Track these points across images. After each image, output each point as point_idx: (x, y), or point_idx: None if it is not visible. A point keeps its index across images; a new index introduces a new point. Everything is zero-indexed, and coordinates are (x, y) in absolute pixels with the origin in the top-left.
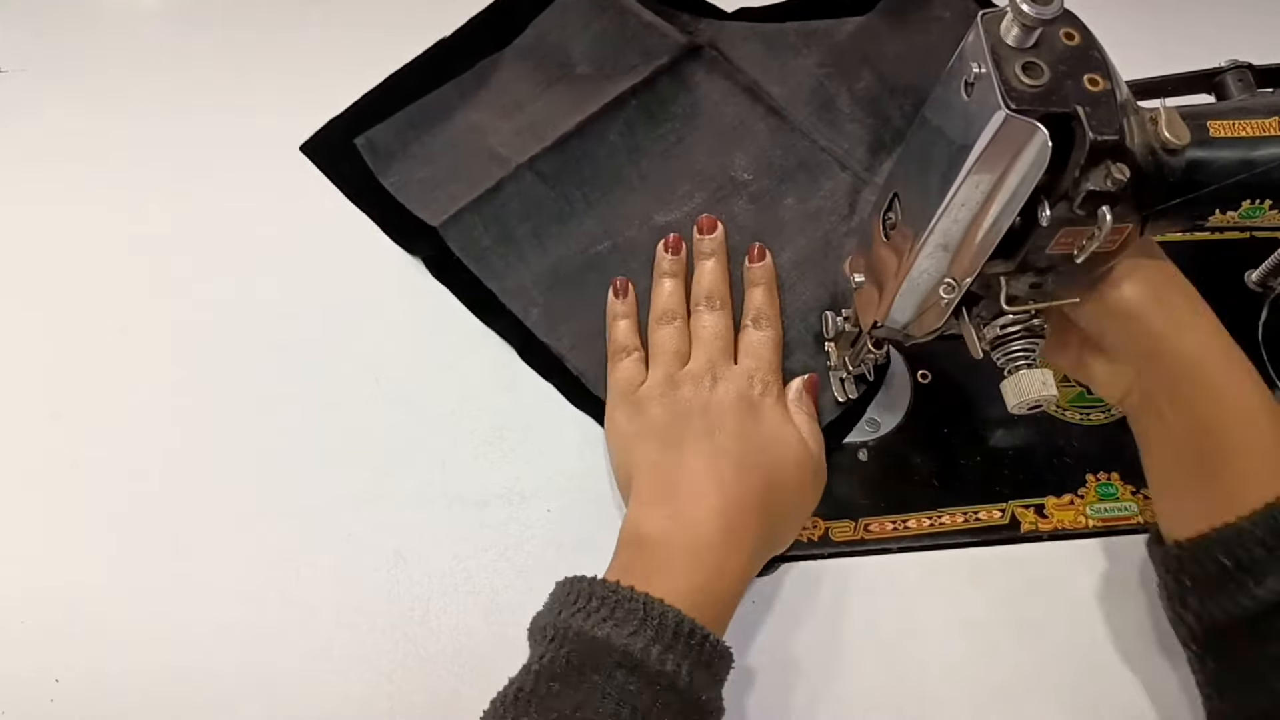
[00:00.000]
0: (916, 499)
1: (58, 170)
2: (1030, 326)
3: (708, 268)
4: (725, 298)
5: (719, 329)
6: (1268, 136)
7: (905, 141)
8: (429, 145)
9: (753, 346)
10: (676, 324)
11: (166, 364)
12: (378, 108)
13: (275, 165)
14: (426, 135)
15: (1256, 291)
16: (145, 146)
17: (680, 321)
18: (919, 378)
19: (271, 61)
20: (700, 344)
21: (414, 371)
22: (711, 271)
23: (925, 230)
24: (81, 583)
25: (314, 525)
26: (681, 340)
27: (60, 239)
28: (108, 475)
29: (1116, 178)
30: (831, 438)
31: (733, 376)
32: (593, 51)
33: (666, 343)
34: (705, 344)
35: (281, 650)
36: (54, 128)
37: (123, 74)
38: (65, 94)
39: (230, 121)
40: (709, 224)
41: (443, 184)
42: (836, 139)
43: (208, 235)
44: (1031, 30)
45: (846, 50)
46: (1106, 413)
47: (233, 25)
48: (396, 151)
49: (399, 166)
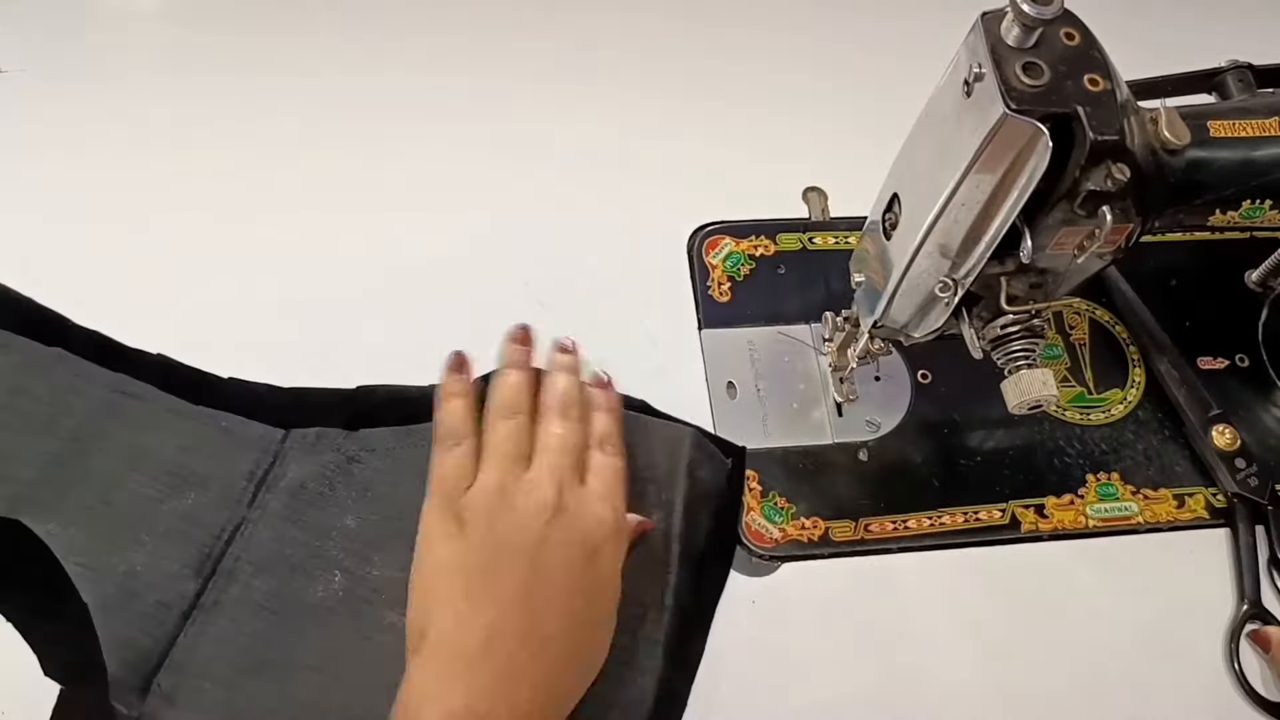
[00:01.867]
0: (916, 499)
1: (57, 170)
2: (1030, 326)
3: (560, 377)
4: (585, 414)
5: (572, 442)
6: (1268, 136)
7: (905, 141)
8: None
9: (601, 469)
10: (519, 419)
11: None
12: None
13: (275, 165)
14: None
15: (1256, 291)
16: (145, 146)
17: (524, 418)
18: (919, 378)
19: (271, 62)
20: (546, 451)
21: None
22: (566, 380)
23: (925, 230)
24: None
25: None
26: (525, 441)
27: (60, 239)
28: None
29: (1117, 178)
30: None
31: (580, 506)
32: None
33: (506, 442)
34: (552, 453)
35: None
36: (54, 128)
37: (123, 74)
38: (65, 94)
39: (230, 121)
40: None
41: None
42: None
43: (208, 235)
44: (1032, 30)
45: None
46: (1106, 413)
47: (232, 25)
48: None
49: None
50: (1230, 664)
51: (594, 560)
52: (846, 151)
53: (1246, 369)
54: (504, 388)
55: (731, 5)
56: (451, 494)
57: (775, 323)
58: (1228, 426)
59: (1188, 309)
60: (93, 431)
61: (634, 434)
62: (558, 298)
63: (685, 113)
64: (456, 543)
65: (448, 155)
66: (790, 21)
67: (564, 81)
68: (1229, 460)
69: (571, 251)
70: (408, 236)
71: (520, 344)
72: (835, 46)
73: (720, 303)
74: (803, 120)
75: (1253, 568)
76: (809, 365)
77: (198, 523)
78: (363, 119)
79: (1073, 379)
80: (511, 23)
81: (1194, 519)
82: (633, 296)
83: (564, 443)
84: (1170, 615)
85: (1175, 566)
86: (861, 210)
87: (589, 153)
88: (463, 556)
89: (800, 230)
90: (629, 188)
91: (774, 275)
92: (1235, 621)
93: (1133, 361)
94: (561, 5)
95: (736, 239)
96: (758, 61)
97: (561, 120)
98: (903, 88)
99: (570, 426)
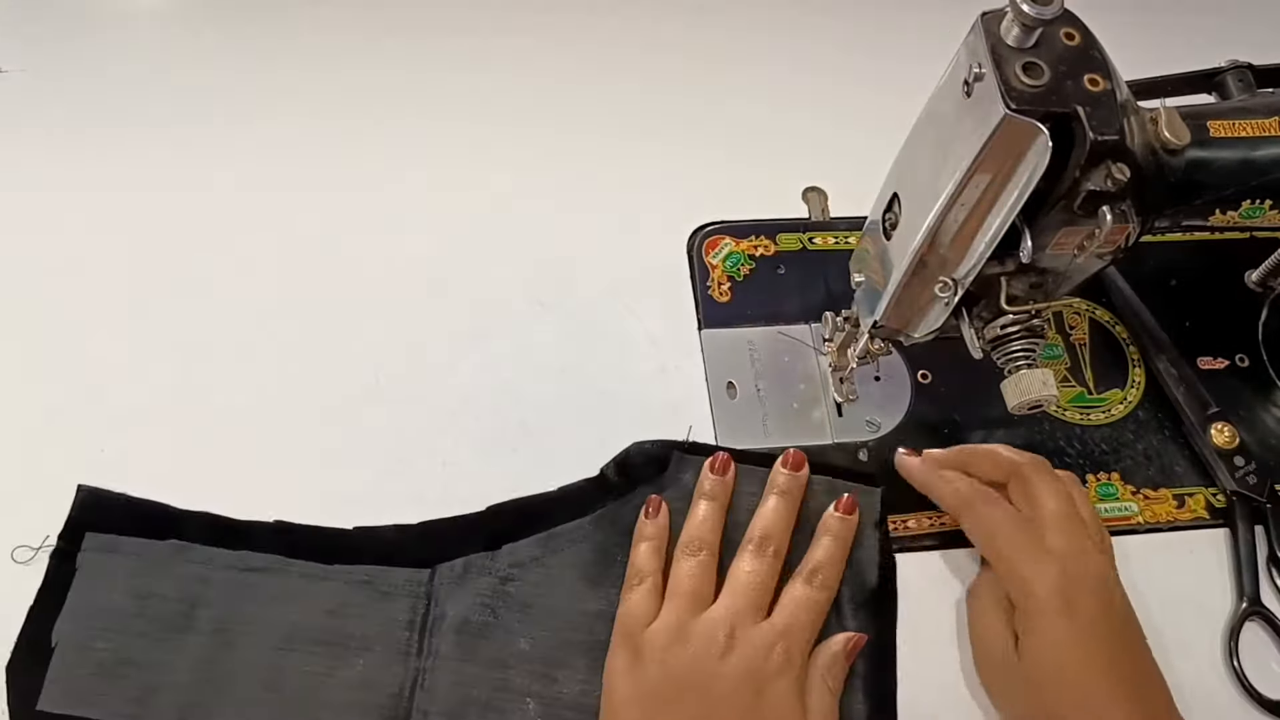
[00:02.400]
0: (917, 499)
1: (57, 170)
2: (1030, 326)
3: (772, 504)
4: (782, 547)
5: (759, 579)
6: (1268, 136)
7: (905, 141)
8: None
9: (793, 604)
10: (702, 557)
11: (166, 364)
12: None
13: (275, 165)
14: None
15: (1256, 291)
16: (145, 146)
17: (708, 555)
18: (919, 378)
19: (271, 62)
20: (732, 590)
21: (414, 371)
22: (775, 510)
23: (925, 230)
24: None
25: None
26: (705, 579)
27: (60, 239)
28: (107, 478)
29: (1116, 178)
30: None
31: (750, 642)
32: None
33: (686, 580)
34: (738, 592)
35: None
36: (54, 128)
37: (123, 74)
38: (65, 94)
39: (230, 121)
40: (796, 460)
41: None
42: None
43: (208, 235)
44: (1032, 30)
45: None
46: (1106, 413)
47: (232, 25)
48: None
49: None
50: (1230, 663)
51: (763, 694)
52: (846, 151)
53: (1246, 369)
54: (692, 523)
55: (732, 5)
56: (632, 630)
57: (775, 323)
58: (1226, 425)
59: (1188, 309)
60: (233, 617)
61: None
62: (558, 298)
63: (685, 113)
64: (634, 676)
65: (448, 155)
66: (790, 22)
67: (564, 81)
68: (1228, 458)
69: (571, 251)
70: (408, 236)
71: (718, 475)
72: (835, 46)
73: (720, 303)
74: (803, 120)
75: (1252, 566)
76: (809, 365)
77: (373, 687)
78: (362, 119)
79: (1073, 379)
80: (511, 23)
81: (1194, 519)
82: (633, 296)
83: (752, 580)
84: (1170, 614)
85: (1175, 566)
86: (861, 210)
87: (589, 153)
88: (640, 690)
89: (800, 230)
90: (629, 187)
91: (774, 275)
92: (1235, 620)
93: (1132, 361)
94: (562, 5)
95: (736, 239)
96: (758, 61)
97: (561, 120)
98: (903, 88)
99: (763, 564)
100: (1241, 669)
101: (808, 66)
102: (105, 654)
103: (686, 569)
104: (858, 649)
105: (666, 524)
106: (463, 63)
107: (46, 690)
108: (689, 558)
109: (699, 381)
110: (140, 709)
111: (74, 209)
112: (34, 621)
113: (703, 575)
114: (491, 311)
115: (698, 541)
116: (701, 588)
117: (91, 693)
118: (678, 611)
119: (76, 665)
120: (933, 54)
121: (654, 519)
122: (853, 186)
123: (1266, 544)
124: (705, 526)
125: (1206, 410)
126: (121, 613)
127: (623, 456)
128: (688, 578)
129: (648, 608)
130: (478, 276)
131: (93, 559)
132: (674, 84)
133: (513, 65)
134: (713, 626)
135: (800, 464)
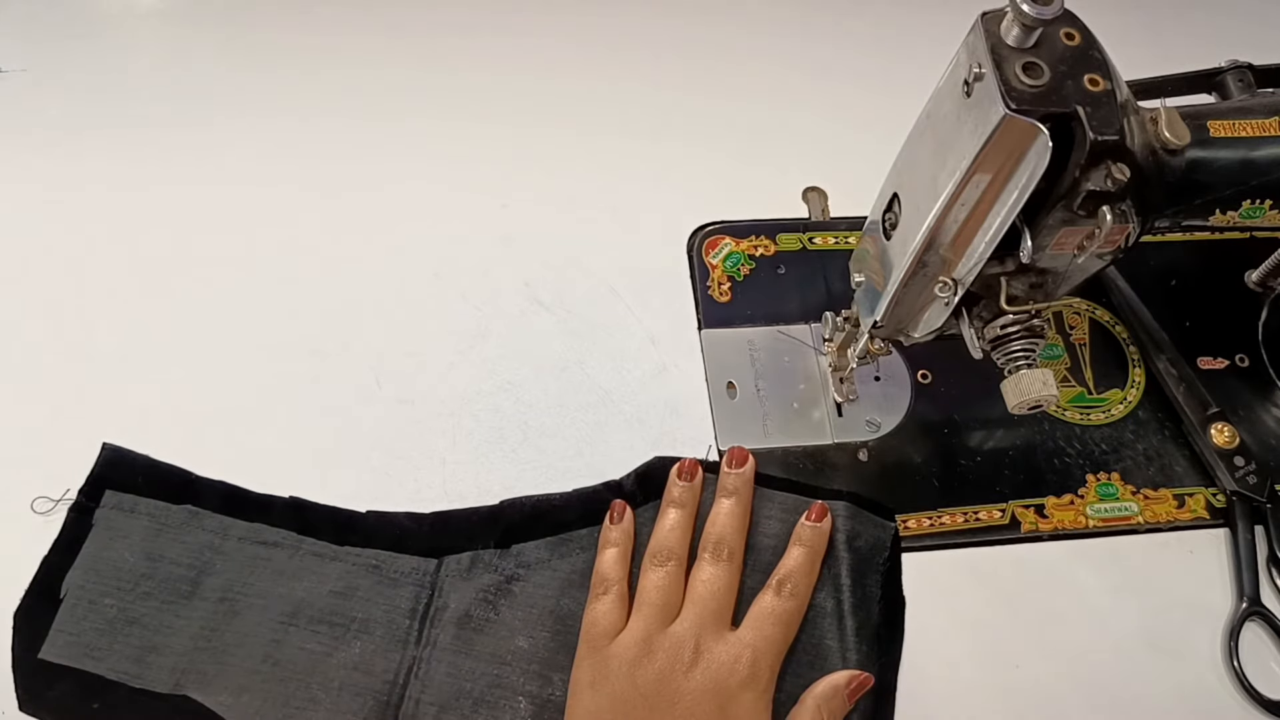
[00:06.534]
0: (916, 499)
1: (57, 170)
2: (1030, 326)
3: (724, 508)
4: (737, 549)
5: (718, 586)
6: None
7: (906, 141)
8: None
9: (761, 616)
10: (669, 568)
11: (166, 364)
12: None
13: (276, 164)
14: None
15: (1256, 291)
16: (145, 146)
17: (675, 565)
18: (919, 378)
19: (271, 62)
20: (692, 600)
21: (414, 371)
22: (728, 513)
23: (925, 230)
24: None
25: None
26: (673, 590)
27: (60, 238)
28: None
29: (1116, 178)
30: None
31: (714, 656)
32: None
33: (654, 592)
34: (697, 603)
35: None
36: (54, 128)
37: (123, 74)
38: (65, 94)
39: (230, 121)
40: (740, 456)
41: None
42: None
43: (207, 234)
44: (1032, 30)
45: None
46: (1106, 413)
47: (232, 25)
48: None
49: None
50: (1230, 663)
51: (726, 709)
52: (846, 151)
53: (1246, 369)
54: (660, 531)
55: (732, 6)
56: (598, 642)
57: (775, 323)
58: (1226, 425)
59: (1188, 309)
60: (240, 588)
61: (791, 515)
62: (558, 298)
63: (685, 113)
64: (601, 690)
65: (448, 155)
66: (790, 22)
67: (564, 81)
68: (1228, 458)
69: (571, 251)
70: (408, 236)
71: (685, 480)
72: (835, 46)
73: (720, 303)
74: (803, 120)
75: (1252, 566)
76: (809, 365)
77: (369, 670)
78: (362, 119)
79: (1073, 379)
80: (512, 23)
81: (1194, 519)
82: (633, 296)
83: (710, 589)
84: (1170, 614)
85: (1175, 566)
86: (861, 210)
87: (589, 152)
88: (606, 704)
89: (800, 230)
90: (629, 188)
91: (774, 275)
92: (1235, 620)
93: (1132, 361)
94: (562, 5)
95: (736, 239)
96: (758, 61)
97: (562, 120)
98: (903, 88)
99: (720, 569)
100: (1241, 669)
101: (808, 66)
102: (112, 610)
103: (655, 580)
104: (862, 690)
105: (631, 529)
106: (463, 63)
107: (50, 639)
108: (657, 568)
109: (699, 381)
110: (139, 668)
111: (73, 209)
112: (46, 571)
113: (670, 587)
114: (492, 311)
115: (666, 551)
116: (670, 599)
117: (93, 647)
118: (645, 623)
119: (83, 618)
120: (933, 54)
121: (618, 524)
122: (853, 186)
123: (1266, 544)
124: (674, 536)
125: (1206, 410)
126: (132, 572)
127: (644, 468)
128: (655, 590)
129: (615, 618)
130: (478, 276)
131: (110, 516)
132: (674, 84)
133: (513, 65)
134: (679, 641)
135: (744, 461)
